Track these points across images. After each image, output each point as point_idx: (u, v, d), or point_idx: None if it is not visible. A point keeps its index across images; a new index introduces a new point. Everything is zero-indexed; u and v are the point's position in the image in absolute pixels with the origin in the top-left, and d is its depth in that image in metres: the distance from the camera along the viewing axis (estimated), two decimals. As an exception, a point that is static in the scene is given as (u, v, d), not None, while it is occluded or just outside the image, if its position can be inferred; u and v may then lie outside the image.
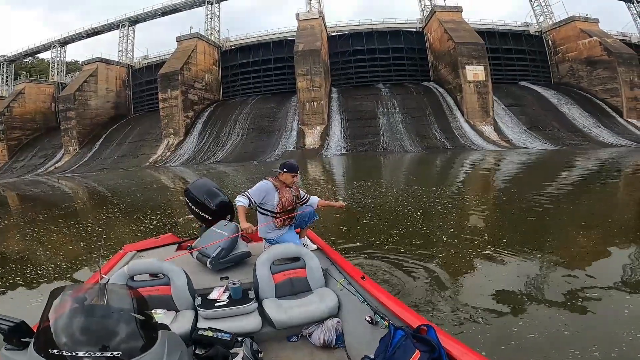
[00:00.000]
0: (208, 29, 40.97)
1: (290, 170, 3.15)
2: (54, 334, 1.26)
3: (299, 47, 31.99)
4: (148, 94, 41.32)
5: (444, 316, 3.00)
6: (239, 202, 3.08)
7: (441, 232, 5.65)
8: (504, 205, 7.73)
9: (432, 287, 3.55)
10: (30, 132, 42.09)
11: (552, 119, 30.64)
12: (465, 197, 9.02)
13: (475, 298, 3.27)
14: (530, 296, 3.28)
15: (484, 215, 6.86)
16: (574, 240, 5.04)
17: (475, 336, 2.68)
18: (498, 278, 3.70)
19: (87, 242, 6.37)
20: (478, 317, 2.95)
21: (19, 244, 6.68)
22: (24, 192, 18.57)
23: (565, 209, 6.86)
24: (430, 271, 3.93)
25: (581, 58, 34.57)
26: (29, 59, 56.57)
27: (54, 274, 4.71)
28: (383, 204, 8.15)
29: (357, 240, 5.30)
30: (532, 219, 6.18)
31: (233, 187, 12.56)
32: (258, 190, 3.13)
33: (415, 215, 6.68)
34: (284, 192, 3.16)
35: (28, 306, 3.58)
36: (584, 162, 15.86)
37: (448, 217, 6.69)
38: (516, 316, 2.95)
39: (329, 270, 2.81)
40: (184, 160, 30.54)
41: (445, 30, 32.96)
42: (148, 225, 7.19)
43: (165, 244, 3.70)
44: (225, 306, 2.38)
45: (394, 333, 1.78)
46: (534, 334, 2.65)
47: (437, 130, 29.78)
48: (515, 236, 5.21)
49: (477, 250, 4.55)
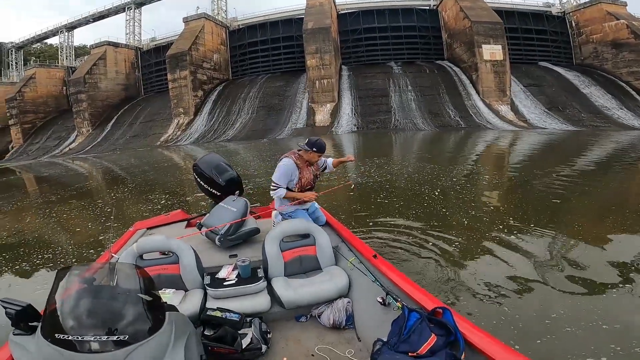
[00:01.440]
0: (215, 8, 40.26)
1: (319, 150, 2.99)
2: (60, 318, 1.23)
3: (308, 25, 31.30)
4: (157, 75, 41.25)
5: (461, 299, 2.90)
6: (279, 193, 2.97)
7: (461, 214, 5.38)
8: (526, 186, 7.32)
9: (449, 269, 3.44)
10: (44, 115, 42.64)
11: (573, 100, 29.54)
12: (483, 176, 8.72)
13: (495, 281, 3.15)
14: (552, 281, 3.13)
15: (505, 197, 6.60)
16: (598, 224, 4.77)
17: (493, 321, 2.58)
18: (518, 261, 3.57)
19: (99, 221, 6.43)
20: (498, 301, 2.84)
21: (33, 225, 6.79)
22: (39, 173, 18.95)
23: (593, 191, 6.52)
24: (447, 253, 3.80)
25: (606, 40, 33.28)
26: (37, 45, 56.59)
27: (66, 253, 4.75)
28: (399, 182, 7.95)
29: (371, 219, 5.13)
30: (558, 201, 5.86)
31: (243, 165, 12.56)
32: (284, 175, 2.98)
33: (432, 196, 6.47)
34: (304, 172, 3.03)
35: (39, 288, 3.63)
36: (607, 144, 15.09)
37: (468, 198, 6.40)
38: (534, 300, 2.83)
39: (339, 248, 2.73)
40: (194, 139, 30.68)
41: (461, 8, 31.94)
42: (156, 204, 7.23)
43: (174, 220, 3.69)
44: (234, 285, 2.34)
45: (408, 315, 1.70)
46: (555, 322, 2.54)
47: (450, 109, 29.04)
48: (539, 218, 4.93)
49: (498, 233, 4.35)
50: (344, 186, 5.25)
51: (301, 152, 3.02)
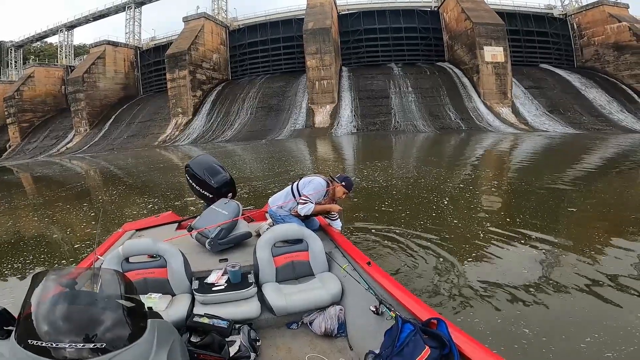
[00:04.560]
0: (215, 8, 40.20)
1: (348, 187, 3.13)
2: (35, 322, 1.17)
3: (309, 25, 31.26)
4: (156, 74, 41.19)
5: (457, 309, 2.82)
6: (308, 208, 2.96)
7: (472, 226, 4.92)
8: (535, 193, 6.86)
9: (447, 278, 3.35)
10: (42, 114, 42.52)
11: (574, 102, 29.48)
12: (492, 182, 8.34)
13: (495, 291, 3.07)
14: (557, 292, 3.02)
15: (514, 204, 6.21)
16: (610, 230, 4.55)
17: (489, 333, 2.51)
18: (522, 272, 3.45)
19: (88, 221, 6.34)
20: (497, 313, 2.75)
21: (21, 224, 6.70)
22: (34, 172, 18.86)
23: (608, 199, 6.22)
24: (447, 262, 3.66)
25: (608, 43, 33.31)
26: (37, 44, 56.70)
27: (50, 254, 4.64)
28: (404, 187, 7.58)
29: (375, 227, 4.85)
30: (573, 210, 5.57)
31: (239, 167, 12.41)
32: (317, 193, 3.06)
33: (441, 205, 6.06)
34: (326, 200, 3.13)
35: (15, 291, 3.51)
36: (609, 148, 14.86)
37: (478, 207, 6.04)
38: (535, 315, 2.74)
39: (333, 254, 2.66)
40: (192, 140, 30.58)
41: (463, 9, 31.92)
42: (148, 206, 7.13)
43: (165, 222, 3.62)
44: (223, 291, 2.27)
45: (401, 326, 1.63)
46: (555, 337, 2.46)
47: (451, 111, 28.95)
48: (549, 226, 4.64)
49: (505, 243, 4.09)
50: None
51: (335, 184, 3.13)
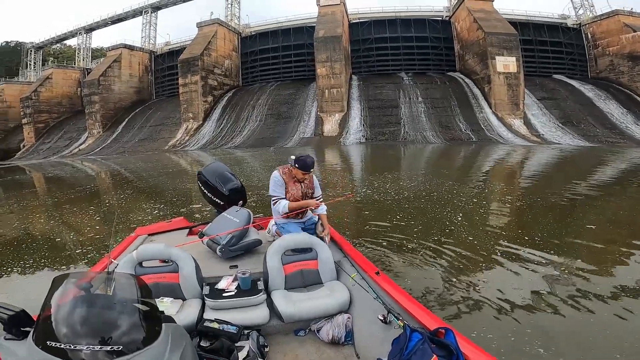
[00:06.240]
0: (228, 14, 40.91)
1: (301, 168, 2.96)
2: (53, 325, 1.21)
3: (319, 33, 31.50)
4: (169, 79, 41.86)
5: (467, 322, 2.80)
6: (282, 204, 2.98)
7: (488, 242, 4.73)
8: (557, 209, 6.48)
9: (457, 289, 3.33)
10: (57, 115, 43.50)
11: (588, 114, 28.92)
12: (507, 197, 8.05)
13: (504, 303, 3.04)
14: (575, 311, 2.94)
15: (534, 222, 5.75)
16: (632, 247, 4.34)
17: (503, 350, 2.48)
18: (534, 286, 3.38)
19: (101, 224, 6.42)
20: (506, 324, 2.74)
21: (35, 225, 6.81)
22: (47, 173, 19.17)
23: (627, 216, 5.94)
24: (463, 278, 3.59)
25: (623, 53, 32.73)
26: (56, 46, 58.36)
27: (65, 258, 4.70)
28: (417, 201, 7.34)
29: (387, 239, 4.73)
30: (592, 227, 5.28)
31: (248, 174, 12.49)
32: (274, 188, 3.04)
33: (454, 221, 5.79)
34: (290, 187, 3.04)
35: (35, 293, 3.56)
36: (624, 163, 14.17)
37: (494, 223, 5.70)
38: (543, 328, 2.71)
39: (341, 263, 2.69)
40: (201, 145, 30.84)
41: (475, 19, 31.76)
42: (160, 211, 7.19)
43: (176, 228, 3.68)
44: (234, 297, 2.31)
45: (409, 335, 1.65)
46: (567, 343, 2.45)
47: (461, 122, 28.70)
48: (577, 249, 4.36)
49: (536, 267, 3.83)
50: (345, 198, 5.22)
51: (291, 167, 3.03)
